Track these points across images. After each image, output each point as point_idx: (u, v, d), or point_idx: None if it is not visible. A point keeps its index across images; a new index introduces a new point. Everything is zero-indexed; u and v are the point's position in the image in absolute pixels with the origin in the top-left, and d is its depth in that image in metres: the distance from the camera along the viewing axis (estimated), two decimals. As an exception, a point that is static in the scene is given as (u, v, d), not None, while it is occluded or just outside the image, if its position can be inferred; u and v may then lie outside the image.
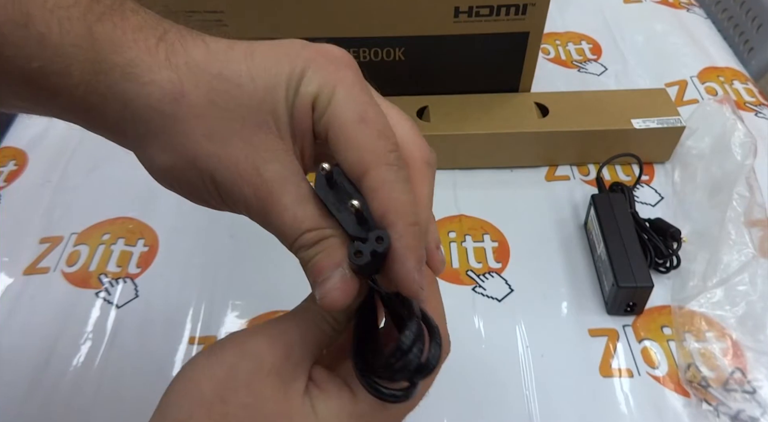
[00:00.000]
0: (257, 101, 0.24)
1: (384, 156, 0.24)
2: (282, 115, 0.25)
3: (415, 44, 0.59)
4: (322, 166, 0.24)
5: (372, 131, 0.24)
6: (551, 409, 0.44)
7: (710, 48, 0.77)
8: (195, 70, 0.24)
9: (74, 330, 0.50)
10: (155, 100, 0.24)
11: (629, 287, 0.47)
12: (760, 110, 0.68)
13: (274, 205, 0.24)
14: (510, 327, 0.49)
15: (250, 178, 0.24)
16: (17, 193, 0.62)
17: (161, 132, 0.24)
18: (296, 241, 0.25)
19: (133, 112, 0.24)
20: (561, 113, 0.60)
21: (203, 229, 0.58)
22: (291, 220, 0.24)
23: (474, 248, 0.55)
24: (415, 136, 0.28)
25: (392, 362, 0.23)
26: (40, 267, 0.55)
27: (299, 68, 0.25)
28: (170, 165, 0.25)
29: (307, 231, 0.24)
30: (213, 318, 0.51)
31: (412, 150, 0.27)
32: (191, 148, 0.24)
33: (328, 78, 0.25)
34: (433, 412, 0.44)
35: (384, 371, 0.24)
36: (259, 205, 0.25)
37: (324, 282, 0.24)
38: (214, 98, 0.24)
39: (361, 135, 0.24)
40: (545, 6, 0.56)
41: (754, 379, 0.45)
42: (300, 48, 0.26)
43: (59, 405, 0.46)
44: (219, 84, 0.24)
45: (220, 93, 0.24)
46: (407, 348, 0.23)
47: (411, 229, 0.24)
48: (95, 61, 0.23)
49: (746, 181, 0.54)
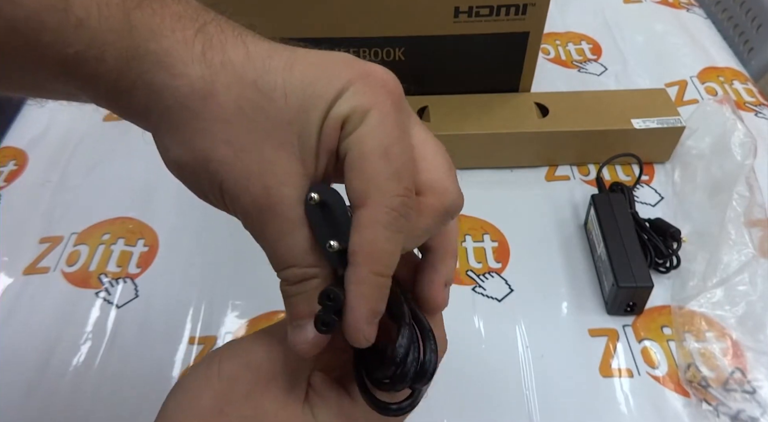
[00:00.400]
0: (286, 119, 0.23)
1: (388, 198, 0.23)
2: (309, 137, 0.24)
3: (415, 44, 0.59)
4: (311, 196, 0.23)
5: (389, 169, 0.23)
6: (551, 409, 0.44)
7: (710, 48, 0.77)
8: (230, 72, 0.23)
9: (74, 330, 0.50)
10: (183, 95, 0.23)
11: (629, 287, 0.47)
12: (759, 110, 0.68)
13: (271, 229, 0.24)
14: (510, 327, 0.49)
15: (258, 195, 0.23)
16: (17, 193, 0.62)
17: (182, 126, 0.23)
18: (282, 272, 0.24)
19: (159, 103, 0.23)
20: (561, 113, 0.60)
21: (203, 229, 0.58)
22: (282, 250, 0.24)
23: (474, 248, 0.55)
24: (445, 179, 0.26)
25: (389, 374, 0.23)
26: (40, 267, 0.55)
27: (337, 89, 0.24)
28: (183, 160, 0.24)
29: (293, 267, 0.24)
30: (213, 318, 0.51)
31: (433, 195, 0.25)
32: (207, 150, 0.23)
33: (365, 101, 0.23)
34: (433, 412, 0.44)
35: (385, 384, 0.24)
36: (257, 223, 0.24)
37: (296, 329, 0.24)
38: (242, 105, 0.23)
39: (375, 167, 0.23)
40: (545, 6, 0.56)
41: (754, 379, 0.45)
42: (344, 66, 0.24)
43: (59, 405, 0.46)
44: (251, 93, 0.23)
45: (250, 102, 0.23)
46: (401, 358, 0.23)
47: (372, 278, 0.23)
48: (130, 48, 0.23)
49: (746, 181, 0.54)
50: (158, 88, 0.23)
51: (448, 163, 0.26)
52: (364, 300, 0.23)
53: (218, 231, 0.57)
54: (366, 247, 0.23)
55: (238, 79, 0.23)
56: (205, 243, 0.56)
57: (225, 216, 0.63)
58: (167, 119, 0.24)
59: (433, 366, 0.24)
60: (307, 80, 0.24)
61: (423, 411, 0.44)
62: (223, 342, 0.49)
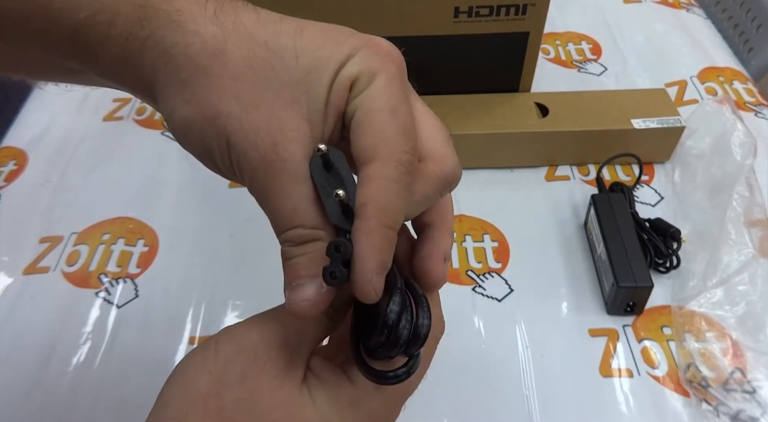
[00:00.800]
0: (296, 79, 0.24)
1: (397, 153, 0.23)
2: (318, 98, 0.24)
3: (415, 44, 0.59)
4: (319, 147, 0.23)
5: (397, 126, 0.24)
6: (551, 409, 0.44)
7: (710, 48, 0.77)
8: (241, 32, 0.24)
9: (74, 330, 0.50)
10: (195, 51, 0.23)
11: (629, 287, 0.47)
12: (759, 110, 0.68)
13: (277, 187, 0.24)
14: (510, 327, 0.49)
15: (265, 150, 0.23)
16: (17, 193, 0.62)
17: (192, 83, 0.23)
18: (285, 233, 0.24)
19: (169, 61, 0.23)
20: (561, 113, 0.60)
21: (203, 229, 0.58)
22: (288, 209, 0.24)
23: (474, 248, 0.55)
24: (443, 147, 0.27)
25: (382, 340, 0.23)
26: (40, 267, 0.55)
27: (345, 53, 0.24)
28: (190, 118, 0.24)
29: (299, 227, 0.24)
30: (213, 318, 0.51)
31: (433, 162, 0.26)
32: (216, 105, 0.23)
33: (372, 65, 0.24)
34: (433, 412, 0.44)
35: (380, 352, 0.24)
36: (263, 181, 0.24)
37: (296, 289, 0.24)
38: (253, 64, 0.23)
39: (384, 124, 0.24)
40: (545, 6, 0.56)
41: (753, 379, 0.45)
42: (350, 34, 0.25)
43: (59, 405, 0.46)
44: (262, 52, 0.24)
45: (261, 61, 0.24)
46: (394, 322, 0.23)
47: (382, 229, 0.23)
48: (142, 8, 0.23)
49: (746, 181, 0.54)
50: (169, 46, 0.23)
51: (446, 134, 0.27)
52: (374, 251, 0.23)
53: (218, 231, 0.57)
54: (376, 199, 0.23)
55: (250, 38, 0.24)
56: (205, 243, 0.56)
57: (225, 217, 0.63)
58: (176, 77, 0.24)
59: (426, 329, 0.24)
60: (317, 43, 0.24)
61: (423, 410, 0.44)
62: (223, 342, 0.49)
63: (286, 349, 0.25)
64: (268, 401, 0.24)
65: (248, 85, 0.23)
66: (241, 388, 0.24)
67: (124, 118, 0.69)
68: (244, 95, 0.23)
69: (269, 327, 0.26)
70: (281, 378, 0.25)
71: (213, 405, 0.24)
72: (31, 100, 0.73)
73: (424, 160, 0.26)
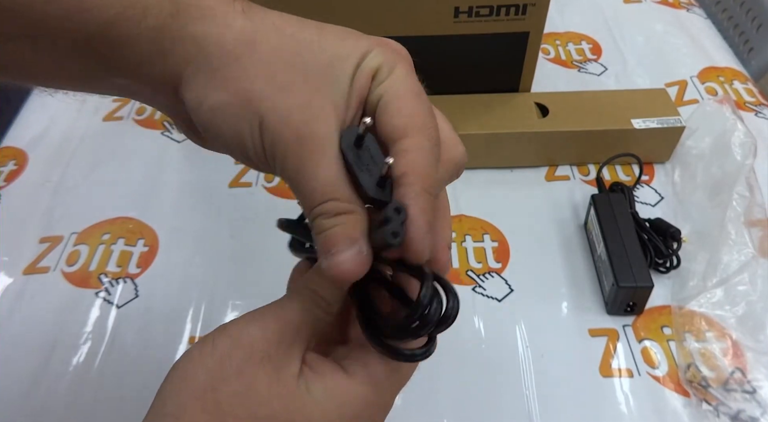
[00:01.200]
0: (323, 67, 0.26)
1: (427, 128, 0.26)
2: (341, 86, 0.26)
3: (415, 44, 0.58)
4: (364, 121, 0.24)
5: (424, 107, 0.26)
6: (551, 409, 0.44)
7: (710, 48, 0.77)
8: (269, 26, 0.26)
9: (74, 330, 0.50)
10: (227, 41, 0.25)
11: (629, 287, 0.47)
12: (760, 110, 0.68)
13: (312, 163, 0.25)
14: (510, 327, 0.49)
15: (298, 129, 0.25)
16: (17, 193, 0.62)
17: (223, 70, 0.25)
18: (320, 206, 0.25)
19: (200, 51, 0.25)
20: (561, 113, 0.60)
21: (203, 229, 0.58)
22: (323, 184, 0.24)
23: (474, 248, 0.55)
24: (453, 136, 0.29)
25: (410, 321, 0.24)
26: (40, 267, 0.55)
27: (364, 47, 0.26)
28: (224, 102, 0.25)
29: (334, 200, 0.25)
30: (213, 318, 0.51)
31: (445, 148, 0.28)
32: (249, 88, 0.25)
33: (390, 58, 0.27)
34: (433, 412, 0.44)
35: (399, 332, 0.25)
36: (297, 158, 0.25)
37: (337, 254, 0.24)
38: (282, 52, 0.25)
39: (413, 105, 0.26)
40: (545, 6, 0.56)
41: (754, 379, 0.45)
42: (363, 35, 0.28)
43: (59, 405, 0.46)
44: (290, 43, 0.26)
45: (289, 50, 0.26)
46: (428, 302, 0.24)
47: (426, 194, 0.25)
48: (172, 2, 0.25)
49: (746, 181, 0.54)
50: (201, 37, 0.25)
51: (451, 125, 0.30)
52: (423, 213, 0.24)
53: (218, 231, 0.57)
54: (416, 168, 0.25)
55: (277, 30, 0.26)
56: (205, 243, 0.56)
57: (225, 217, 0.63)
58: (207, 66, 0.25)
59: (455, 312, 0.25)
60: (338, 38, 0.27)
61: (423, 410, 0.44)
62: (223, 342, 0.49)
63: (283, 343, 0.26)
64: (265, 394, 0.24)
65: (279, 70, 0.25)
66: (239, 382, 0.24)
67: (124, 118, 0.69)
68: (275, 79, 0.25)
69: (266, 322, 0.26)
70: (278, 372, 0.25)
71: (211, 399, 0.24)
72: (31, 100, 0.73)
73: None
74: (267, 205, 0.59)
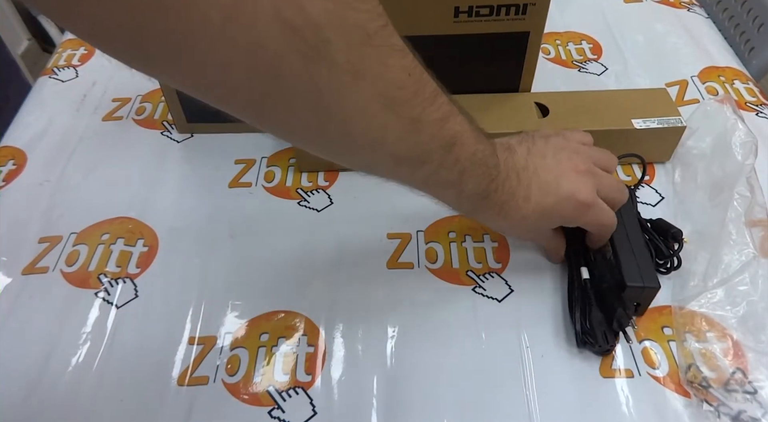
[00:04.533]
0: None
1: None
2: None
3: (415, 44, 0.58)
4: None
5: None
6: (551, 409, 0.44)
7: (711, 48, 0.77)
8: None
9: (73, 330, 0.50)
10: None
11: (637, 287, 0.46)
12: (761, 110, 0.68)
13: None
14: (510, 328, 0.49)
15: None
16: (16, 193, 0.62)
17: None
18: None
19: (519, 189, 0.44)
20: (561, 113, 0.60)
21: (203, 229, 0.58)
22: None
23: (474, 248, 0.55)
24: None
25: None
26: (39, 267, 0.55)
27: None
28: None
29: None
30: (213, 318, 0.51)
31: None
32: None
33: None
34: (433, 412, 0.44)
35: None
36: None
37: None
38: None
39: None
40: (545, 6, 0.55)
41: (755, 380, 0.45)
42: None
43: (59, 405, 0.46)
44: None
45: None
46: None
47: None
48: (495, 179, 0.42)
49: (747, 181, 0.54)
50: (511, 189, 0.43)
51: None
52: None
53: (218, 231, 0.57)
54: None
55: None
56: (205, 244, 0.56)
57: (225, 217, 0.63)
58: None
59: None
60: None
61: (423, 410, 0.44)
62: (223, 343, 0.49)
63: None
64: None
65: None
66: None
67: (123, 117, 0.69)
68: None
69: None
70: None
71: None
72: (30, 100, 0.73)
73: None
74: (267, 205, 0.59)
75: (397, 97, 0.33)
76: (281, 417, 0.44)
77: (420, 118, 0.35)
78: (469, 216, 0.45)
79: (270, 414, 0.44)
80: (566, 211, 0.44)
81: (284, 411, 0.45)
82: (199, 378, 0.47)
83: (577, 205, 0.44)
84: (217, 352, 0.48)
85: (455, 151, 0.37)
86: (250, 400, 0.45)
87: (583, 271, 0.50)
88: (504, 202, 0.42)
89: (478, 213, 0.44)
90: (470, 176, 0.39)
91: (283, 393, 0.46)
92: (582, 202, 0.44)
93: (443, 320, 0.50)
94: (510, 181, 0.42)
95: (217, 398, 0.45)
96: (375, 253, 0.55)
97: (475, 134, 0.39)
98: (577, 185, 0.44)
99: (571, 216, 0.45)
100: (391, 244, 0.55)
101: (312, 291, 0.52)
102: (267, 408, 0.45)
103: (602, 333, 0.46)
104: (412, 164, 0.37)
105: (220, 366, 0.47)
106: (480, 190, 0.41)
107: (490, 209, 0.43)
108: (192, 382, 0.46)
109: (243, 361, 0.48)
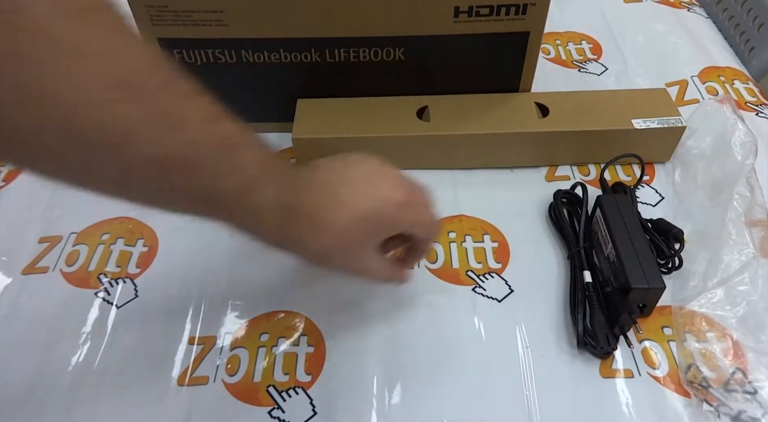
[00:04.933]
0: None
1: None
2: None
3: (415, 44, 0.58)
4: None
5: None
6: (551, 409, 0.44)
7: (711, 48, 0.77)
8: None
9: (73, 330, 0.50)
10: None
11: (642, 289, 0.46)
12: (761, 110, 0.68)
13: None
14: (510, 328, 0.49)
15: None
16: (16, 193, 0.62)
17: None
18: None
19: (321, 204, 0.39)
20: (561, 113, 0.60)
21: (203, 229, 0.57)
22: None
23: (474, 248, 0.55)
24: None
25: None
26: (39, 267, 0.55)
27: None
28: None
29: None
30: (213, 318, 0.51)
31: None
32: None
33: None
34: (433, 412, 0.44)
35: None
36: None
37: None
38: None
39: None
40: (545, 6, 0.56)
41: (755, 380, 0.45)
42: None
43: (59, 405, 0.46)
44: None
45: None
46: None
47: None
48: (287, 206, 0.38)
49: (747, 181, 0.54)
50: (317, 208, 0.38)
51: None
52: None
53: (218, 231, 0.57)
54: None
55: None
56: (205, 244, 0.56)
57: (224, 216, 0.60)
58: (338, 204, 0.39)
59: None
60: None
61: (423, 411, 0.44)
62: (223, 343, 0.49)
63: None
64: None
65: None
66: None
67: (123, 117, 0.69)
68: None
69: None
70: None
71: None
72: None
73: None
74: (267, 204, 0.59)
75: (136, 83, 0.28)
76: (281, 417, 0.44)
77: (174, 113, 0.30)
78: (277, 245, 0.40)
79: (270, 414, 0.44)
80: (387, 212, 0.39)
81: (284, 411, 0.45)
82: (199, 378, 0.47)
83: (396, 203, 0.40)
84: (217, 352, 0.48)
85: (237, 154, 0.33)
86: (250, 400, 0.45)
87: (586, 275, 0.50)
88: (315, 211, 0.37)
89: (289, 229, 0.38)
90: (265, 184, 0.35)
91: (283, 393, 0.46)
92: (400, 200, 0.40)
93: (443, 320, 0.50)
94: (318, 188, 0.38)
95: (217, 398, 0.45)
96: (375, 253, 0.55)
97: (260, 141, 0.35)
98: (392, 185, 0.40)
99: (392, 216, 0.40)
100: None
101: (312, 291, 0.52)
102: (267, 408, 0.45)
103: (604, 336, 0.46)
104: (183, 169, 0.32)
105: (220, 366, 0.47)
106: (283, 200, 0.36)
107: (300, 222, 0.37)
108: (192, 382, 0.46)
109: (243, 361, 0.48)
